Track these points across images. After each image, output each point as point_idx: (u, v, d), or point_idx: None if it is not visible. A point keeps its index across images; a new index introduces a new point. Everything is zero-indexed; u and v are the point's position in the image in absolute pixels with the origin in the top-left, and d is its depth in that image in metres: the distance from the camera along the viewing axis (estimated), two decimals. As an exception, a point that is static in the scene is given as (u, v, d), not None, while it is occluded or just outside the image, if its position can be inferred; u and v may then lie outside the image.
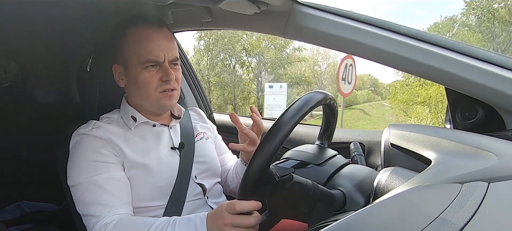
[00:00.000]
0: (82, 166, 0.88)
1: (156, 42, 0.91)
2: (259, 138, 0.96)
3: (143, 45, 0.91)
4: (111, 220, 0.83)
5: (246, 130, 0.94)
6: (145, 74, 0.91)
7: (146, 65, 0.91)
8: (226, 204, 0.74)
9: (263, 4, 0.91)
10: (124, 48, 0.93)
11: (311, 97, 0.71)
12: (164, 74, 0.92)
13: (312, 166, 0.80)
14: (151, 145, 0.96)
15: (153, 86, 0.92)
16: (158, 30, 0.93)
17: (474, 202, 0.45)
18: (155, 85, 0.92)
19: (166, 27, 0.96)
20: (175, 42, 0.97)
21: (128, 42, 0.92)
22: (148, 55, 0.90)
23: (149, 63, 0.91)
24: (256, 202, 0.72)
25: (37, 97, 1.74)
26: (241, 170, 1.07)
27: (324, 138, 0.91)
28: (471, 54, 0.77)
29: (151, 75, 0.92)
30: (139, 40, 0.91)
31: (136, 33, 0.92)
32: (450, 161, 0.61)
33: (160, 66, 0.92)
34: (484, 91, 0.74)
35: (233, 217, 0.73)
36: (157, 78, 0.92)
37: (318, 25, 0.89)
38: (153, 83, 0.92)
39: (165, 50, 0.92)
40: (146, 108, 0.98)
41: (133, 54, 0.92)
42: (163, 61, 0.92)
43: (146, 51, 0.90)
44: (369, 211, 0.49)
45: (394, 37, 0.82)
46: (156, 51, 0.91)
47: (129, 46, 0.92)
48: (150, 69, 0.92)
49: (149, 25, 0.92)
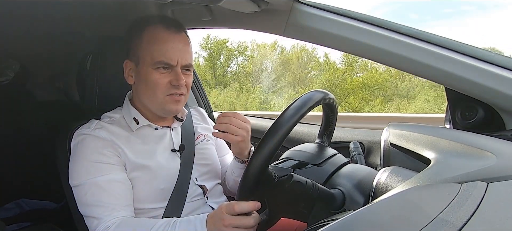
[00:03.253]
0: (84, 166, 0.88)
1: (172, 45, 0.90)
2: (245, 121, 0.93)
3: (158, 46, 0.90)
4: (112, 223, 0.83)
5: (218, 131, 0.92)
6: (155, 75, 0.90)
7: (157, 66, 0.90)
8: (225, 205, 0.75)
9: (263, 2, 0.91)
10: (138, 46, 0.93)
11: (310, 97, 0.71)
12: (175, 79, 0.91)
13: (311, 166, 0.80)
14: (152, 147, 0.96)
15: (161, 89, 0.91)
16: (175, 33, 0.92)
17: (473, 202, 0.45)
18: (164, 87, 0.91)
19: (184, 32, 0.95)
20: (190, 48, 0.96)
21: (143, 40, 0.92)
22: (161, 56, 0.90)
23: (161, 65, 0.90)
24: (255, 203, 0.72)
25: (37, 95, 1.73)
26: (235, 167, 1.06)
27: (324, 136, 0.91)
28: (471, 54, 0.77)
29: (161, 77, 0.91)
30: (155, 40, 0.90)
31: (153, 32, 0.91)
32: (450, 161, 0.61)
33: (172, 69, 0.91)
34: (484, 92, 0.74)
35: (232, 218, 0.73)
36: (167, 81, 0.91)
37: (318, 24, 0.89)
38: (162, 85, 0.91)
39: (180, 55, 0.91)
40: (152, 110, 0.97)
41: (146, 53, 0.91)
42: (176, 65, 0.91)
43: (160, 52, 0.90)
44: (369, 210, 0.50)
45: (394, 37, 0.82)
46: (170, 54, 0.90)
47: (143, 44, 0.91)
48: (161, 71, 0.91)
49: (167, 27, 0.91)
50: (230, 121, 0.90)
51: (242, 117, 0.93)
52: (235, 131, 0.90)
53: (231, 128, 0.90)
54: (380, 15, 2.59)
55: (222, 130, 0.91)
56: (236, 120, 0.91)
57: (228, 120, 0.90)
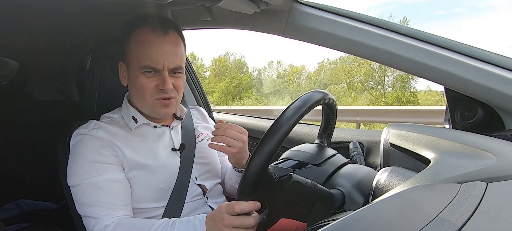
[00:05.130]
0: (82, 166, 0.88)
1: (157, 49, 0.88)
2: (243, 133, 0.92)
3: (144, 49, 0.89)
4: (110, 222, 0.83)
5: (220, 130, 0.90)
6: (142, 78, 0.90)
7: (143, 70, 0.89)
8: (225, 206, 0.74)
9: (263, 3, 0.91)
10: (127, 49, 0.93)
11: (310, 97, 0.71)
12: (161, 83, 0.90)
13: (311, 166, 0.80)
14: (152, 146, 0.96)
15: (149, 92, 0.91)
16: (161, 36, 0.89)
17: (472, 202, 0.45)
18: (151, 91, 0.91)
19: (174, 32, 0.93)
20: (180, 49, 0.93)
21: (130, 44, 0.91)
22: (146, 60, 0.89)
23: (146, 69, 0.89)
24: (255, 203, 0.72)
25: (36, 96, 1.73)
26: (232, 174, 1.05)
27: (323, 137, 0.91)
28: (471, 54, 0.77)
29: (148, 81, 0.90)
30: (141, 44, 0.89)
31: (139, 36, 0.90)
32: (449, 161, 0.61)
33: (159, 73, 0.90)
34: (483, 92, 0.74)
35: (232, 218, 0.73)
36: (154, 85, 0.90)
37: (318, 25, 0.89)
38: (149, 88, 0.90)
39: (167, 58, 0.89)
40: (144, 111, 0.97)
41: (134, 56, 0.91)
42: (162, 69, 0.89)
43: (145, 56, 0.89)
44: (368, 210, 0.50)
45: (393, 37, 0.82)
46: (155, 58, 0.88)
47: (131, 47, 0.91)
48: (147, 75, 0.90)
49: (154, 30, 0.89)
50: (225, 132, 0.88)
51: (237, 128, 0.91)
52: (230, 142, 0.89)
53: (225, 139, 0.88)
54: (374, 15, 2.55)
55: (217, 142, 0.89)
56: (231, 131, 0.89)
57: (222, 132, 0.89)
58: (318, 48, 10.16)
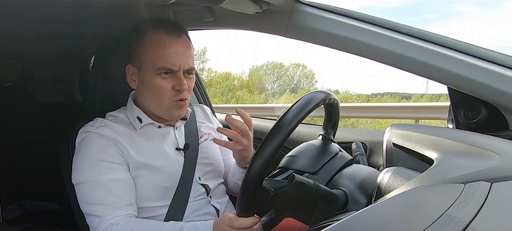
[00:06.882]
0: (87, 164, 0.88)
1: (173, 50, 0.90)
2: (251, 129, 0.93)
3: (160, 51, 0.89)
4: (115, 222, 0.83)
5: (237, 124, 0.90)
6: (158, 80, 0.90)
7: (160, 72, 0.90)
8: (228, 219, 0.78)
9: (265, 3, 0.91)
10: (140, 51, 0.92)
11: (312, 98, 0.70)
12: (177, 84, 0.91)
13: (307, 175, 0.77)
14: (156, 146, 0.96)
15: (167, 94, 0.91)
16: (176, 38, 0.91)
17: (476, 202, 0.45)
18: (169, 93, 0.91)
19: (185, 36, 0.95)
20: (192, 51, 0.95)
21: (144, 46, 0.91)
22: (163, 62, 0.89)
23: (163, 70, 0.90)
24: (255, 218, 0.76)
25: (39, 97, 1.74)
26: (236, 170, 1.06)
27: (328, 128, 0.89)
28: (474, 53, 0.76)
29: (165, 83, 0.91)
30: (157, 46, 0.90)
31: (154, 38, 0.91)
32: (453, 161, 0.60)
33: (174, 75, 0.91)
34: (487, 91, 0.74)
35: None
36: (170, 87, 0.91)
37: (320, 25, 0.89)
38: (167, 90, 0.91)
39: (182, 59, 0.90)
40: (155, 113, 0.97)
41: (148, 58, 0.91)
42: (178, 70, 0.91)
43: (162, 58, 0.89)
44: (371, 211, 0.49)
45: (397, 37, 0.81)
46: (172, 59, 0.89)
47: (145, 50, 0.91)
48: (164, 76, 0.91)
49: (169, 32, 0.91)
50: (240, 129, 0.89)
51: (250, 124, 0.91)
52: (239, 139, 0.90)
53: (237, 137, 0.90)
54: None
55: (229, 136, 0.90)
56: (244, 128, 0.89)
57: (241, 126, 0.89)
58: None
